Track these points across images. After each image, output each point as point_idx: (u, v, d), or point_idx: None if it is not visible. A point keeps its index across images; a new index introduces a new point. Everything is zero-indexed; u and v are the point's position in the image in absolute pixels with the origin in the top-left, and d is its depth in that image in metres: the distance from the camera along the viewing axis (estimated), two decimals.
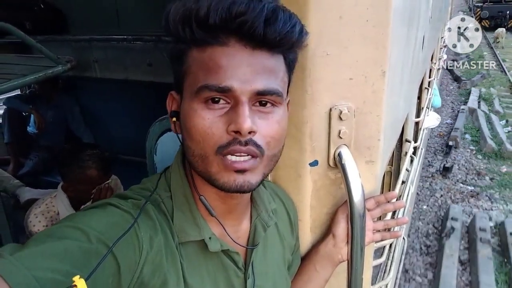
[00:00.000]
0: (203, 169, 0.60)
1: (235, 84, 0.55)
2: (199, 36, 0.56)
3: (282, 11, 0.57)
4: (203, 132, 0.57)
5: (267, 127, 0.59)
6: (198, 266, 0.66)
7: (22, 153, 3.23)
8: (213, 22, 0.54)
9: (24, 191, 2.45)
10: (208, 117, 0.57)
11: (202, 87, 0.56)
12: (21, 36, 1.62)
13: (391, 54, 0.84)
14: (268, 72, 0.58)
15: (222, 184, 0.59)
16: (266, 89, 0.57)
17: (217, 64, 0.56)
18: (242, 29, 0.54)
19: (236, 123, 0.55)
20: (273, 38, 0.56)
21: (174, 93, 0.65)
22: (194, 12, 0.54)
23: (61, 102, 3.25)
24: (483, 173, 5.40)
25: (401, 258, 2.34)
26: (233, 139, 0.56)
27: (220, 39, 0.56)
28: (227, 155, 0.57)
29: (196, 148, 0.59)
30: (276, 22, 0.56)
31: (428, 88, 2.91)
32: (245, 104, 0.56)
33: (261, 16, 0.54)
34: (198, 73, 0.57)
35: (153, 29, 2.70)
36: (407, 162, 1.56)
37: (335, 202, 0.91)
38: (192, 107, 0.58)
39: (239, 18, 0.53)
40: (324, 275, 0.89)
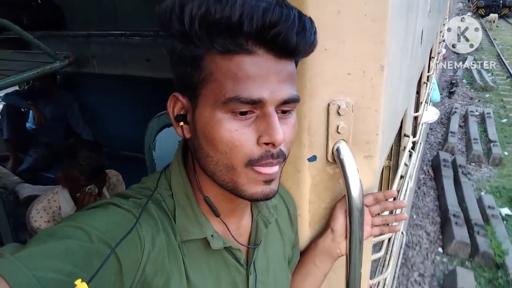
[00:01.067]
0: (229, 179, 0.59)
1: (266, 95, 0.54)
2: (227, 43, 0.53)
3: (306, 18, 0.56)
4: (231, 144, 0.56)
5: (288, 132, 0.59)
6: (200, 263, 0.66)
7: (21, 149, 3.23)
8: (247, 31, 0.52)
9: (23, 187, 2.45)
10: (235, 128, 0.55)
11: (233, 99, 0.54)
12: (18, 32, 1.61)
13: (389, 48, 0.84)
14: (290, 79, 0.58)
15: (250, 195, 0.59)
16: (290, 97, 0.57)
17: (247, 75, 0.54)
18: (277, 40, 0.53)
19: (270, 136, 0.55)
20: (304, 48, 0.56)
21: (180, 96, 0.61)
22: (225, 19, 0.51)
23: (60, 98, 3.25)
24: (474, 97, 9.48)
25: (399, 253, 2.35)
26: (266, 152, 0.56)
27: (249, 48, 0.54)
28: (258, 167, 0.57)
29: (221, 158, 0.57)
30: (306, 32, 0.55)
31: (426, 83, 2.91)
32: (275, 115, 0.56)
33: (294, 26, 0.53)
34: (225, 83, 0.54)
35: (151, 24, 2.69)
36: (405, 156, 1.56)
37: (333, 197, 0.91)
38: (215, 117, 0.55)
39: (274, 29, 0.52)
40: (323, 269, 0.89)
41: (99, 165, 1.86)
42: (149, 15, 2.74)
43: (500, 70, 11.19)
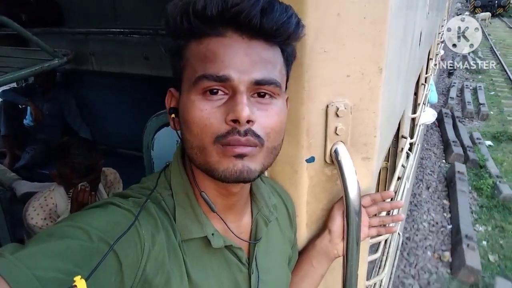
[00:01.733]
0: (202, 160, 0.59)
1: (233, 73, 0.56)
2: (196, 27, 0.56)
3: (278, 2, 0.57)
4: (201, 123, 0.57)
5: (267, 118, 0.59)
6: (201, 262, 0.66)
7: (18, 146, 3.22)
8: (210, 13, 0.54)
9: (20, 184, 2.45)
10: (206, 108, 0.57)
11: (200, 77, 0.56)
12: (17, 29, 1.61)
13: (388, 50, 0.84)
14: (266, 63, 0.58)
15: (222, 172, 0.58)
16: (264, 79, 0.57)
17: (215, 54, 0.56)
18: (238, 19, 0.55)
19: (234, 112, 0.55)
20: (269, 27, 0.56)
21: (173, 90, 0.65)
22: (192, 4, 0.55)
23: (57, 95, 3.24)
24: (469, 77, 11.19)
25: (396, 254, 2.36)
26: (232, 129, 0.56)
27: (218, 30, 0.56)
28: (226, 145, 0.57)
29: (194, 140, 0.58)
30: (272, 12, 0.56)
31: (424, 84, 2.91)
32: (243, 94, 0.56)
33: (257, 6, 0.54)
34: (196, 65, 0.57)
35: (150, 22, 2.69)
36: (403, 158, 1.57)
37: (331, 198, 0.92)
38: (190, 99, 0.58)
39: (235, 8, 0.54)
40: (320, 270, 0.90)
41: (91, 163, 1.84)
42: (148, 14, 2.74)
43: (492, 58, 12.75)
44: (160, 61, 2.80)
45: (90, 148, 1.86)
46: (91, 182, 1.86)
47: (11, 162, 3.11)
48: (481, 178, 5.33)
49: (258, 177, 0.61)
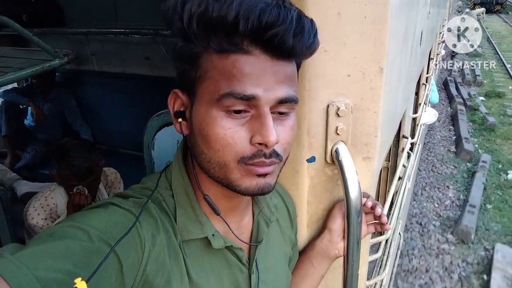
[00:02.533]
0: (222, 175, 0.59)
1: (260, 93, 0.54)
2: (223, 42, 0.54)
3: (305, 20, 0.56)
4: (224, 142, 0.56)
5: (284, 133, 0.59)
6: (202, 263, 0.66)
7: (19, 146, 3.22)
8: (243, 31, 0.52)
9: (21, 184, 2.46)
10: (229, 126, 0.55)
11: (226, 95, 0.54)
12: (18, 29, 1.61)
13: (389, 50, 0.84)
14: (288, 80, 0.58)
15: (245, 189, 0.59)
16: (287, 97, 0.57)
17: (242, 72, 0.54)
18: (273, 42, 0.53)
19: (262, 136, 0.55)
20: (300, 51, 0.56)
21: (179, 92, 0.62)
22: (221, 18, 0.51)
23: (58, 96, 3.24)
24: (468, 60, 11.14)
25: (397, 254, 2.36)
26: (258, 151, 0.56)
27: (245, 47, 0.54)
28: (251, 166, 0.57)
29: (214, 155, 0.58)
30: (303, 33, 0.55)
31: (425, 84, 2.91)
32: (269, 115, 0.56)
33: (291, 28, 0.52)
34: (219, 80, 0.55)
35: (151, 22, 2.69)
36: (404, 158, 1.56)
37: (332, 198, 0.92)
38: (210, 114, 0.56)
39: (270, 31, 0.52)
40: (321, 270, 0.89)
41: (90, 165, 1.82)
42: (149, 14, 2.75)
43: (488, 46, 14.50)
44: (161, 61, 2.81)
45: (89, 150, 1.84)
46: (90, 183, 1.85)
47: (12, 162, 3.11)
48: (475, 115, 7.98)
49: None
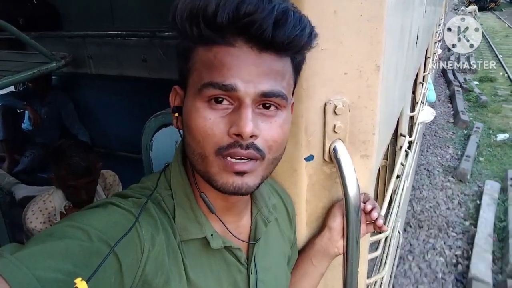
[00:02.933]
0: (203, 168, 0.59)
1: (239, 84, 0.55)
2: (206, 34, 0.55)
3: (292, 12, 0.55)
4: (204, 132, 0.56)
5: (270, 131, 0.59)
6: (201, 263, 0.66)
7: (17, 150, 3.22)
8: (221, 21, 0.52)
9: (19, 188, 2.45)
10: (210, 117, 0.56)
11: (206, 84, 0.55)
12: (14, 33, 1.61)
13: (385, 48, 0.84)
14: (274, 74, 0.57)
15: (221, 185, 0.59)
16: (271, 91, 0.57)
17: (222, 63, 0.55)
18: (250, 30, 0.53)
19: (238, 126, 0.55)
20: (281, 41, 0.55)
21: (178, 88, 0.64)
22: (202, 10, 0.53)
23: (55, 99, 3.24)
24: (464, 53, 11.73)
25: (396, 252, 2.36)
26: (234, 142, 0.56)
27: (227, 39, 0.55)
28: (227, 157, 0.57)
29: (196, 147, 0.58)
30: (286, 25, 0.54)
31: (422, 83, 2.92)
32: (248, 107, 0.56)
33: (270, 17, 0.52)
34: (202, 71, 0.56)
35: (148, 24, 2.69)
36: (402, 156, 1.57)
37: (330, 196, 0.92)
38: (194, 106, 0.57)
39: (247, 18, 0.52)
40: (320, 269, 0.89)
41: (88, 164, 1.80)
42: (146, 16, 2.75)
43: (482, 40, 16.45)
44: (158, 63, 2.81)
45: (86, 150, 1.84)
46: (87, 185, 1.83)
47: (10, 166, 3.10)
48: (469, 95, 9.10)
49: (257, 188, 0.62)
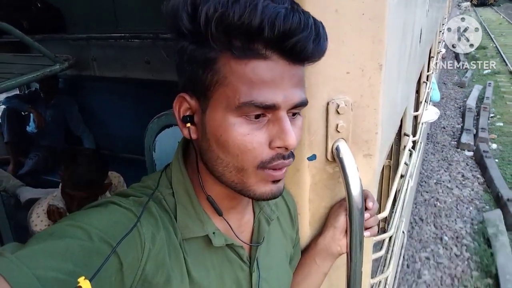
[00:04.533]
0: (238, 180, 0.59)
1: (280, 100, 0.55)
2: (245, 47, 0.53)
3: (319, 23, 0.56)
4: (244, 147, 0.56)
5: (296, 134, 0.60)
6: (203, 261, 0.66)
7: (22, 152, 3.23)
8: (267, 38, 0.51)
9: (24, 190, 2.46)
10: (248, 132, 0.56)
11: (247, 104, 0.54)
12: (19, 35, 1.62)
13: (387, 47, 0.84)
14: (302, 84, 0.59)
15: (259, 195, 0.60)
16: (301, 102, 0.58)
17: (262, 80, 0.54)
18: (295, 48, 0.53)
19: (283, 140, 0.56)
20: (318, 56, 0.57)
21: (187, 97, 0.60)
22: (244, 24, 0.50)
23: (60, 102, 3.26)
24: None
25: (400, 252, 2.35)
26: (277, 154, 0.57)
27: (264, 53, 0.53)
28: (270, 169, 0.58)
29: (231, 161, 0.58)
30: (320, 39, 0.55)
31: (426, 82, 2.91)
32: (287, 119, 0.56)
33: (311, 35, 0.53)
34: (239, 87, 0.54)
35: (151, 26, 2.70)
36: (405, 156, 1.56)
37: (333, 196, 0.91)
38: (228, 120, 0.55)
39: (294, 38, 0.52)
40: (324, 268, 0.89)
41: (91, 178, 1.78)
42: (149, 18, 2.76)
43: (483, 35, 17.57)
44: (162, 65, 2.81)
45: (96, 164, 1.81)
46: (83, 199, 1.79)
47: (14, 169, 3.12)
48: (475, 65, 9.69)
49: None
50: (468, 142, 6.42)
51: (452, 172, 5.73)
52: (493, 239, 3.99)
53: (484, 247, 3.95)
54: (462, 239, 4.18)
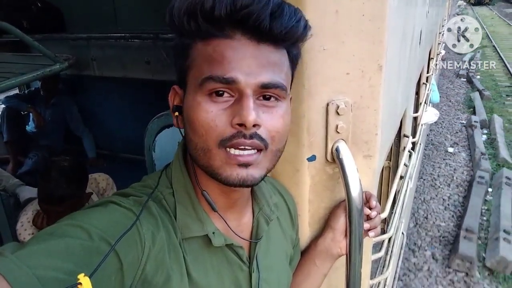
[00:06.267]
0: (206, 162, 0.59)
1: (240, 76, 0.55)
2: (204, 28, 0.56)
3: (287, 6, 0.57)
4: (207, 125, 0.57)
5: (272, 121, 0.59)
6: (202, 261, 0.66)
7: (21, 152, 3.23)
8: (219, 14, 0.54)
9: (23, 190, 2.45)
10: (211, 109, 0.56)
11: (207, 78, 0.56)
12: (19, 35, 1.62)
13: (387, 48, 0.84)
14: (273, 66, 0.58)
15: (225, 178, 0.58)
16: (270, 82, 0.57)
17: (222, 56, 0.56)
18: (248, 22, 0.54)
19: (240, 116, 0.55)
20: (278, 32, 0.56)
21: (177, 88, 0.64)
22: (200, 4, 0.54)
23: (59, 101, 3.26)
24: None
25: (400, 253, 2.35)
26: (237, 132, 0.56)
27: (226, 32, 0.56)
28: (231, 148, 0.57)
29: (199, 141, 0.58)
30: (282, 16, 0.56)
31: (426, 84, 2.91)
32: (250, 97, 0.56)
33: (266, 9, 0.54)
34: (202, 65, 0.57)
35: (151, 26, 2.70)
36: (405, 157, 1.56)
37: (332, 196, 0.91)
38: (195, 100, 0.57)
39: (244, 10, 0.53)
40: (323, 269, 0.89)
41: (63, 194, 1.65)
42: (149, 18, 2.76)
43: (476, 24, 17.49)
44: (162, 65, 2.82)
45: (70, 179, 1.68)
46: (55, 213, 1.69)
47: (14, 168, 3.11)
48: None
49: (262, 180, 0.62)
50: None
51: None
52: None
53: None
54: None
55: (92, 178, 2.10)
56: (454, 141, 6.52)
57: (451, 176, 5.27)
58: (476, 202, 4.38)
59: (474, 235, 3.76)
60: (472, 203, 4.36)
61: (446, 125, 7.26)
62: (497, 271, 3.47)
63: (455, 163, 5.66)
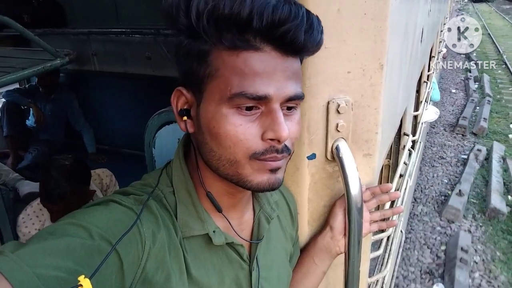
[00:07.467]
0: (232, 171, 0.59)
1: (271, 92, 0.55)
2: (236, 40, 0.53)
3: (312, 15, 0.56)
4: (235, 138, 0.56)
5: (292, 128, 0.60)
6: (203, 259, 0.66)
7: (21, 146, 3.23)
8: (256, 28, 0.52)
9: (23, 184, 2.46)
10: (240, 123, 0.56)
11: (238, 95, 0.54)
12: (19, 30, 1.61)
13: (389, 47, 0.84)
14: (296, 76, 0.58)
15: (256, 185, 0.59)
16: (295, 95, 0.57)
17: (254, 71, 0.54)
18: (285, 39, 0.53)
19: (275, 132, 0.55)
20: (311, 47, 0.57)
21: (183, 90, 0.61)
22: (234, 15, 0.51)
23: (60, 96, 3.25)
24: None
25: (398, 251, 2.36)
26: (270, 147, 0.57)
27: (256, 44, 0.54)
28: (263, 161, 0.58)
29: (224, 153, 0.58)
30: (313, 31, 0.55)
31: (427, 82, 2.91)
32: (280, 111, 0.56)
33: (302, 26, 0.53)
34: (231, 79, 0.54)
35: (152, 22, 2.70)
36: (405, 155, 1.56)
37: (332, 195, 0.92)
38: (220, 112, 0.56)
39: (283, 27, 0.52)
40: (322, 267, 0.90)
41: (62, 192, 1.65)
42: (150, 13, 2.75)
43: (476, 18, 18.01)
44: (163, 60, 2.81)
45: (70, 177, 1.69)
46: (55, 212, 1.72)
47: (14, 163, 3.11)
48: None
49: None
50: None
51: None
52: None
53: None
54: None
55: (95, 174, 2.11)
56: (455, 87, 10.07)
57: (454, 101, 8.85)
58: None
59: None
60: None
61: (450, 78, 10.92)
62: None
63: (456, 96, 9.27)
